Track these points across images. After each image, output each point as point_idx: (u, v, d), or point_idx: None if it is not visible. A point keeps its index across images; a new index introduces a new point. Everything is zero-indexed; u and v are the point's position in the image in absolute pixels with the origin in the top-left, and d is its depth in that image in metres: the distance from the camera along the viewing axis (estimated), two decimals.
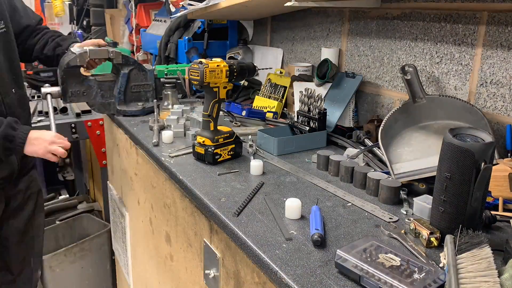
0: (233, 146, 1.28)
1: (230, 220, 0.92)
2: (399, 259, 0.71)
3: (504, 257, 0.77)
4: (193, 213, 1.17)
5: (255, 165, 1.18)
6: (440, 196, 0.82)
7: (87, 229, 2.65)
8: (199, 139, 1.25)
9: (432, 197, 0.98)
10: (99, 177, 2.94)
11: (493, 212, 0.92)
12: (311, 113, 1.42)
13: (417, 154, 1.12)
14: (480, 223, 0.85)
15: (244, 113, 1.70)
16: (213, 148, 1.23)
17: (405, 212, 0.98)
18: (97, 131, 2.53)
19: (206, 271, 1.08)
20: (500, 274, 0.65)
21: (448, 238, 0.74)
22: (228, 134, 1.27)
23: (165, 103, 1.77)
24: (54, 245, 2.50)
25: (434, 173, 1.04)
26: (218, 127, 1.27)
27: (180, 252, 1.30)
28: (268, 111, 1.74)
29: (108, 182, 2.22)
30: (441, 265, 0.72)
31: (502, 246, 0.79)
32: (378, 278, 0.68)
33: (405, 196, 1.04)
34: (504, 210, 0.97)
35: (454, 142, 0.79)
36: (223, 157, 1.26)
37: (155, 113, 1.62)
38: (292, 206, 0.94)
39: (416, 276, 0.66)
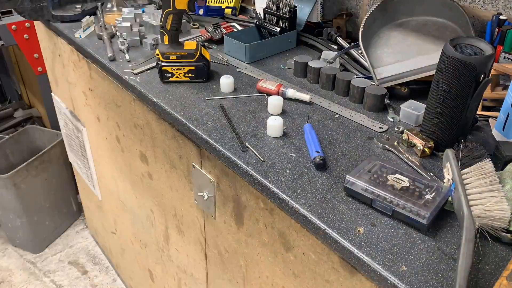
0: (193, 68, 1.13)
1: (227, 149, 0.89)
2: (407, 179, 0.74)
3: (492, 161, 0.82)
4: (176, 137, 1.12)
5: (226, 83, 1.10)
6: (436, 108, 0.83)
7: (36, 140, 2.50)
8: (156, 52, 1.14)
9: (416, 102, 1.01)
10: (35, 85, 2.70)
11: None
12: (281, 12, 1.32)
13: (398, 56, 1.11)
14: (469, 130, 0.88)
15: (201, 11, 1.55)
16: (161, 64, 1.12)
17: (392, 119, 1.00)
18: (25, 35, 2.23)
19: (199, 193, 1.08)
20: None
21: (450, 153, 0.77)
22: (185, 53, 1.12)
23: (108, 5, 1.56)
24: (5, 163, 2.36)
25: (417, 76, 1.05)
26: (186, 43, 1.15)
27: (162, 172, 1.27)
28: (227, 7, 1.60)
29: (52, 93, 2.04)
30: (445, 180, 0.76)
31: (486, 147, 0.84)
32: (390, 201, 0.71)
33: (388, 101, 1.05)
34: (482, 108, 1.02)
35: (457, 55, 0.77)
36: (177, 77, 1.14)
37: (101, 18, 1.43)
38: (275, 125, 0.92)
39: (427, 196, 0.70)
